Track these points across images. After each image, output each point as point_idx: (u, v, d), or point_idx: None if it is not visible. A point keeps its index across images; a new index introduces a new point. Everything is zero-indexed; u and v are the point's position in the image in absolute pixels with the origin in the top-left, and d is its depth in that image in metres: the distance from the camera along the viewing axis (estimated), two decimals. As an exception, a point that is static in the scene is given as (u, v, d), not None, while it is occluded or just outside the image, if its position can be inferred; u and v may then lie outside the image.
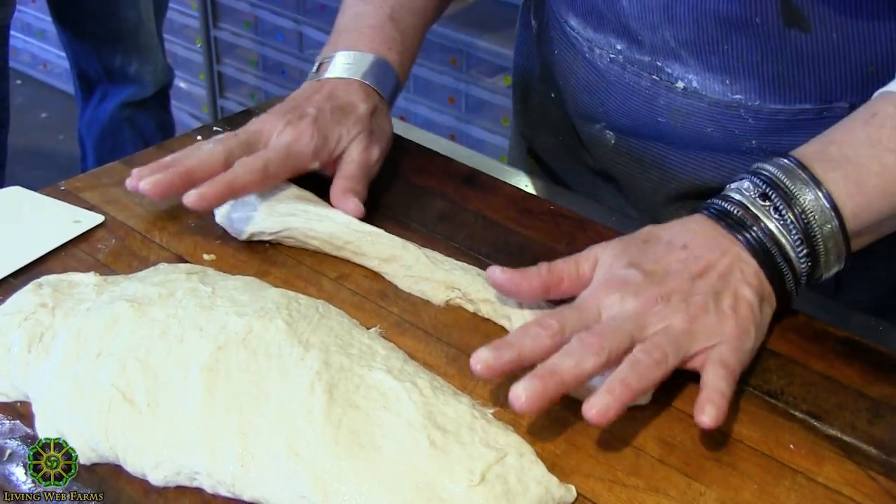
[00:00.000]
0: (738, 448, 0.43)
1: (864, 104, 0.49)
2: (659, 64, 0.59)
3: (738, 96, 0.57)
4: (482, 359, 0.42)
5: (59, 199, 0.58)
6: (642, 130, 0.63)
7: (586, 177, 0.71)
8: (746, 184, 0.48)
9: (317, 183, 0.59)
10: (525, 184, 0.66)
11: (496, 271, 0.47)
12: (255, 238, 0.56)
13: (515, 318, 0.48)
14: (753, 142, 0.59)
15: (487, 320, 0.50)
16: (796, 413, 0.45)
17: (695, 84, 0.58)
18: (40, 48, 2.29)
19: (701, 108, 0.58)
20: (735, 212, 0.47)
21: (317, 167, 0.58)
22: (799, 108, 0.56)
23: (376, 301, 0.52)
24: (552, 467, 0.41)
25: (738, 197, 0.48)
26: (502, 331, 0.50)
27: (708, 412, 0.41)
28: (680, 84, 0.58)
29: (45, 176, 0.79)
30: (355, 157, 0.58)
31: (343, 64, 0.61)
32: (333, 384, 0.42)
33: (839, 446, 0.44)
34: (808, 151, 0.48)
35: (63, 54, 1.52)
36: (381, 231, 0.54)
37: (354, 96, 0.60)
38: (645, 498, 0.41)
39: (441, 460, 0.39)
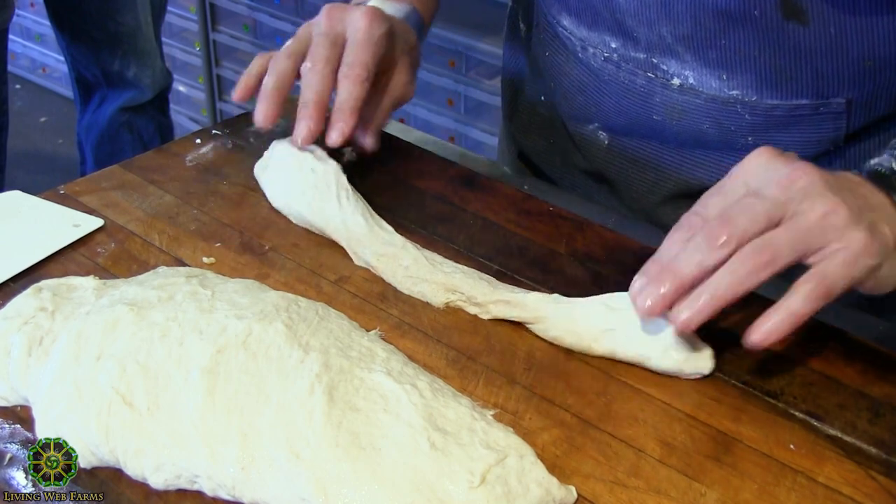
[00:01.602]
0: (739, 448, 0.43)
1: None
2: (655, 61, 0.59)
3: (734, 91, 0.57)
4: (638, 288, 0.42)
5: (58, 203, 0.59)
6: (637, 130, 0.63)
7: (578, 179, 0.71)
8: (886, 157, 0.47)
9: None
10: (524, 185, 0.66)
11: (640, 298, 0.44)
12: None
13: (545, 312, 0.49)
14: (749, 138, 0.59)
15: (487, 322, 0.50)
16: (796, 413, 0.45)
17: (691, 80, 0.58)
18: (39, 52, 2.29)
19: (697, 105, 0.59)
20: (884, 170, 0.46)
21: (384, 55, 0.58)
22: (796, 104, 0.56)
23: (376, 303, 0.52)
24: (552, 468, 0.41)
25: (881, 161, 0.46)
26: (502, 333, 0.50)
27: (758, 330, 0.41)
28: (676, 81, 0.58)
29: (45, 180, 0.79)
30: (394, 91, 0.60)
31: (380, 4, 0.62)
32: (333, 386, 0.42)
33: (839, 446, 0.44)
34: None
35: (62, 58, 1.52)
36: (388, 227, 0.55)
37: (400, 24, 0.61)
38: (645, 499, 0.41)
39: (441, 462, 0.39)
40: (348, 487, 0.39)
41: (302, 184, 0.57)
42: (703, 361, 0.46)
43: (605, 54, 0.61)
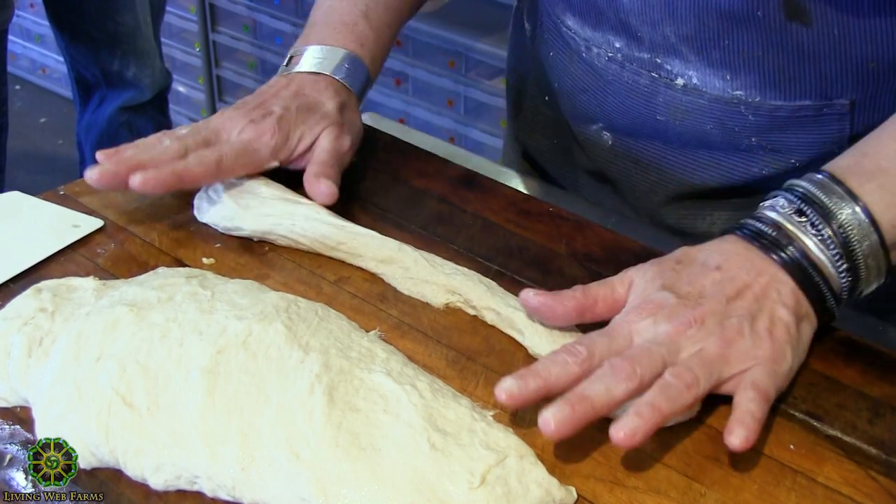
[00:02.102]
0: (739, 448, 0.43)
1: (893, 116, 0.49)
2: (658, 61, 0.59)
3: (738, 92, 0.57)
4: (507, 388, 0.41)
5: (58, 203, 0.58)
6: (640, 130, 0.63)
7: (582, 179, 0.71)
8: (781, 201, 0.47)
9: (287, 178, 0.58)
10: (524, 186, 0.66)
11: (529, 295, 0.46)
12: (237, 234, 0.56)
13: (529, 333, 0.48)
14: (753, 139, 0.59)
15: (487, 322, 0.50)
16: (796, 413, 0.45)
17: (695, 80, 0.58)
18: (39, 53, 2.29)
19: (701, 105, 0.58)
20: (769, 231, 0.46)
21: (276, 165, 0.58)
22: (799, 105, 0.56)
23: (376, 304, 0.52)
24: (552, 469, 0.41)
25: (772, 215, 0.47)
26: (503, 334, 0.50)
27: (737, 434, 0.41)
28: (680, 81, 0.58)
29: (44, 180, 0.79)
30: (326, 146, 0.58)
31: (313, 58, 0.61)
32: (333, 387, 0.42)
33: (839, 446, 0.44)
34: (840, 165, 0.48)
35: (62, 59, 1.52)
36: (373, 233, 0.54)
37: (323, 93, 0.60)
38: (645, 499, 0.41)
39: (441, 462, 0.39)
40: (348, 488, 0.39)
41: (257, 218, 0.55)
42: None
43: (609, 54, 0.61)
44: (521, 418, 0.44)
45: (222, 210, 0.56)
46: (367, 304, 0.52)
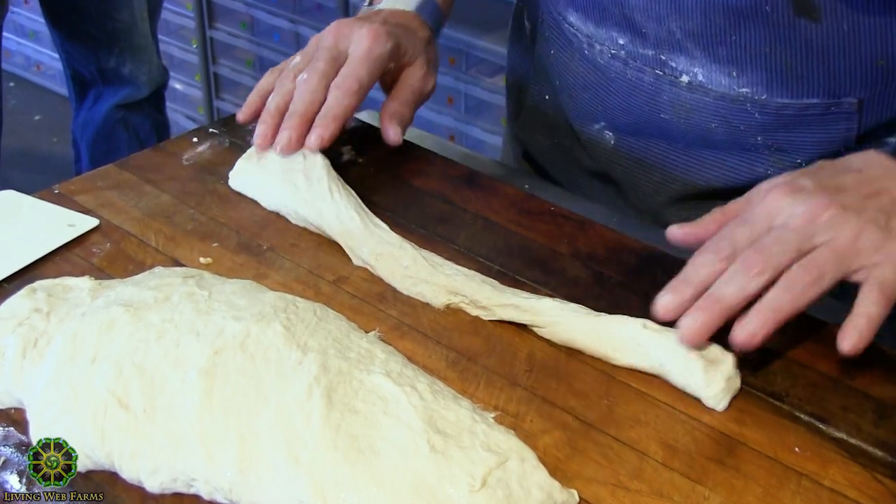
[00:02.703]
0: (742, 451, 0.43)
1: None
2: (663, 58, 0.58)
3: (744, 89, 0.56)
4: (665, 304, 0.43)
5: (53, 202, 0.58)
6: (644, 129, 0.62)
7: (583, 179, 0.70)
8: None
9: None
10: (525, 185, 0.65)
11: (674, 230, 0.48)
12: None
13: (558, 315, 0.48)
14: (759, 138, 0.58)
15: (488, 323, 0.50)
16: (801, 415, 0.45)
17: (700, 77, 0.57)
18: (34, 50, 2.28)
19: (706, 103, 0.58)
20: None
21: (391, 68, 0.60)
22: (806, 103, 0.56)
23: (375, 304, 0.51)
24: (554, 472, 0.40)
25: None
26: (503, 334, 0.49)
27: (850, 337, 0.42)
28: (685, 78, 0.58)
29: (39, 179, 0.78)
30: (413, 83, 0.61)
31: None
32: (332, 388, 0.41)
33: (845, 448, 0.43)
34: None
35: (57, 56, 1.51)
36: (383, 224, 0.55)
37: (412, 22, 0.62)
38: (648, 502, 0.40)
39: (442, 465, 0.39)
40: (347, 491, 0.38)
41: (292, 180, 0.57)
42: (721, 387, 0.45)
43: (613, 51, 0.60)
44: (522, 420, 0.44)
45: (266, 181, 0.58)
46: (367, 304, 0.51)
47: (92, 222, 0.56)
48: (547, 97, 0.70)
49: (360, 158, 0.65)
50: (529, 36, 0.70)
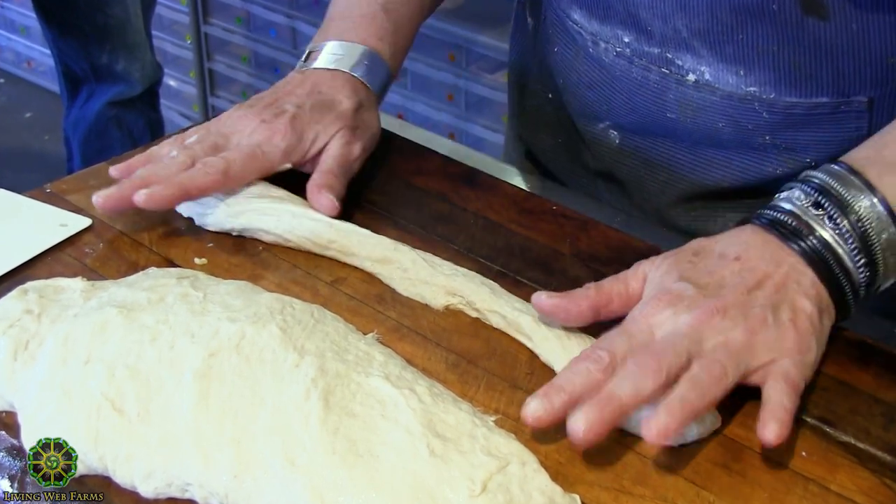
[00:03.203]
0: (748, 455, 0.42)
1: None
2: (669, 56, 0.58)
3: (752, 88, 0.56)
4: (532, 411, 0.40)
5: (44, 201, 0.58)
6: (649, 128, 0.62)
7: (587, 179, 0.70)
8: (797, 192, 0.46)
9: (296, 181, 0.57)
10: (526, 183, 0.65)
11: (542, 298, 0.45)
12: (219, 230, 0.55)
13: (537, 338, 0.47)
14: (766, 137, 0.58)
15: (489, 325, 0.49)
16: (808, 419, 0.45)
17: (707, 76, 0.57)
18: (24, 45, 2.27)
19: (713, 102, 0.57)
20: (788, 221, 0.46)
21: (288, 167, 0.57)
22: (815, 102, 0.55)
23: (373, 305, 0.51)
24: (556, 476, 0.40)
25: (788, 206, 0.46)
26: (505, 337, 0.49)
27: (771, 429, 0.40)
28: (691, 77, 0.57)
29: (31, 178, 0.78)
30: (334, 153, 0.57)
31: (332, 55, 0.60)
32: (330, 391, 0.41)
33: (853, 453, 0.43)
34: (859, 156, 0.47)
35: (48, 52, 1.50)
36: (367, 231, 0.53)
37: (340, 92, 0.59)
38: (653, 508, 0.40)
39: (441, 469, 0.38)
40: (345, 495, 0.38)
41: (249, 214, 0.54)
42: (704, 426, 0.43)
43: (618, 49, 0.60)
44: (523, 423, 0.43)
45: (202, 205, 0.55)
46: (365, 305, 0.51)
47: (84, 222, 0.56)
48: (550, 95, 0.69)
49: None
50: (532, 33, 0.70)
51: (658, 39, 0.57)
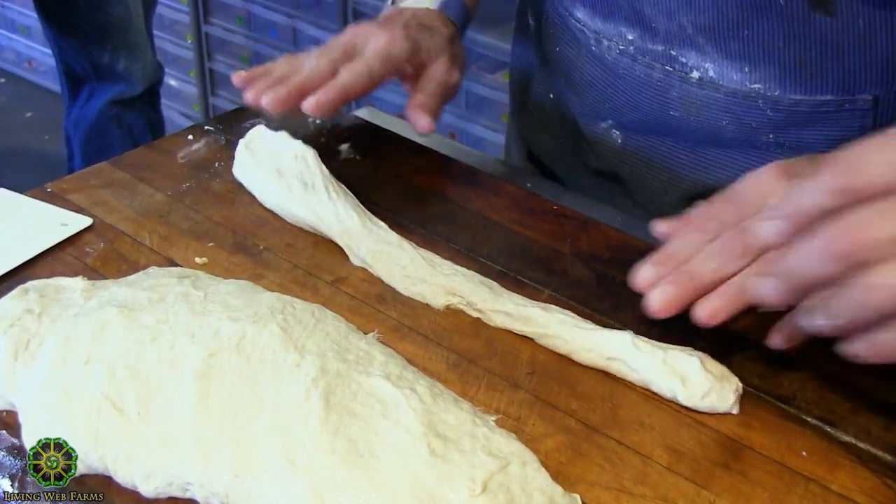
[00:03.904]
0: (749, 455, 0.42)
1: None
2: (673, 53, 0.57)
3: (756, 85, 0.56)
4: (644, 276, 0.42)
5: (45, 201, 0.57)
6: (652, 127, 0.62)
7: (589, 179, 0.70)
8: None
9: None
10: (527, 183, 0.65)
11: (660, 224, 0.46)
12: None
13: (553, 328, 0.47)
14: (770, 136, 0.57)
15: (489, 324, 0.49)
16: (809, 418, 0.45)
17: (711, 73, 0.57)
18: (25, 45, 2.27)
19: (717, 100, 0.57)
20: None
21: (409, 71, 0.60)
22: (820, 100, 0.55)
23: (374, 305, 0.50)
24: (556, 476, 0.40)
25: None
26: (504, 336, 0.49)
27: (707, 305, 0.41)
28: (695, 74, 0.57)
29: (31, 177, 0.78)
30: (437, 77, 0.61)
31: None
32: (330, 391, 0.41)
33: (854, 453, 0.43)
34: None
35: (49, 51, 1.50)
36: (382, 224, 0.54)
37: (436, 21, 0.62)
38: (653, 508, 0.40)
39: (442, 469, 0.38)
40: (345, 495, 0.38)
41: (287, 178, 0.56)
42: (724, 399, 0.44)
43: (621, 47, 0.60)
44: (524, 423, 0.43)
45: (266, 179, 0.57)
46: (366, 305, 0.50)
47: (85, 221, 0.56)
48: (552, 95, 0.69)
49: (359, 156, 0.64)
50: (534, 32, 0.70)
51: (662, 36, 0.57)
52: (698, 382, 0.44)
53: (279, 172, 0.57)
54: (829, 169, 0.35)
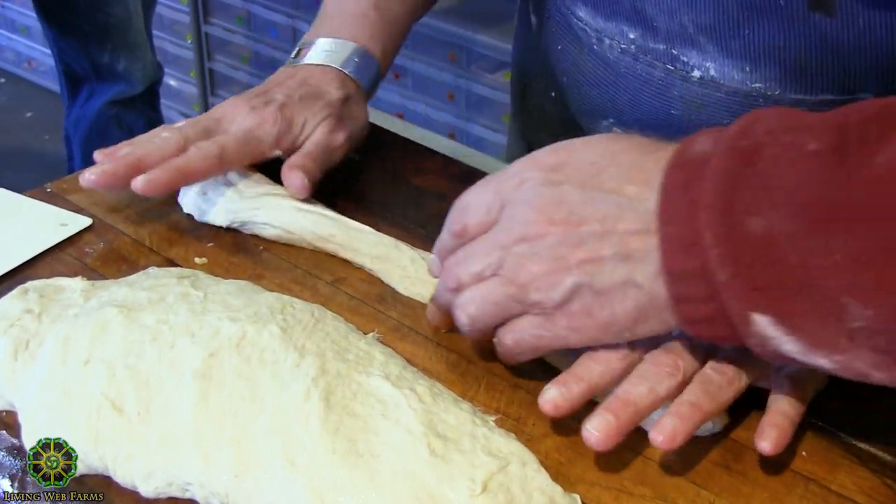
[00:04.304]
0: (749, 455, 0.42)
1: None
2: (675, 52, 0.57)
3: (757, 84, 0.56)
4: (550, 399, 0.40)
5: (45, 201, 0.57)
6: (653, 126, 0.62)
7: None
8: None
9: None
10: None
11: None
12: (221, 224, 0.55)
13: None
14: None
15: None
16: (809, 419, 0.44)
17: (712, 72, 0.57)
18: (25, 45, 2.27)
19: (718, 99, 0.57)
20: None
21: (279, 154, 0.57)
22: (820, 99, 0.55)
23: (374, 305, 0.50)
24: (556, 476, 0.40)
25: None
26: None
27: (768, 435, 0.40)
28: (696, 73, 0.57)
29: (31, 177, 0.78)
30: (317, 139, 0.58)
31: (323, 51, 0.61)
32: (330, 391, 0.41)
33: (853, 453, 0.43)
34: None
35: (48, 51, 1.50)
36: (368, 228, 0.53)
37: (329, 84, 0.59)
38: (653, 508, 0.40)
39: (441, 469, 0.38)
40: (345, 495, 0.38)
41: (251, 208, 0.54)
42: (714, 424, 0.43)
43: (622, 46, 0.59)
44: (523, 423, 0.43)
45: (205, 200, 0.55)
46: (366, 305, 0.50)
47: (85, 221, 0.56)
48: (553, 94, 0.69)
49: (357, 156, 0.64)
50: (536, 31, 0.70)
51: (664, 35, 0.57)
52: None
53: (234, 203, 0.55)
54: (451, 215, 0.45)
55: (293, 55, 0.62)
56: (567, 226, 0.39)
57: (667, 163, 0.38)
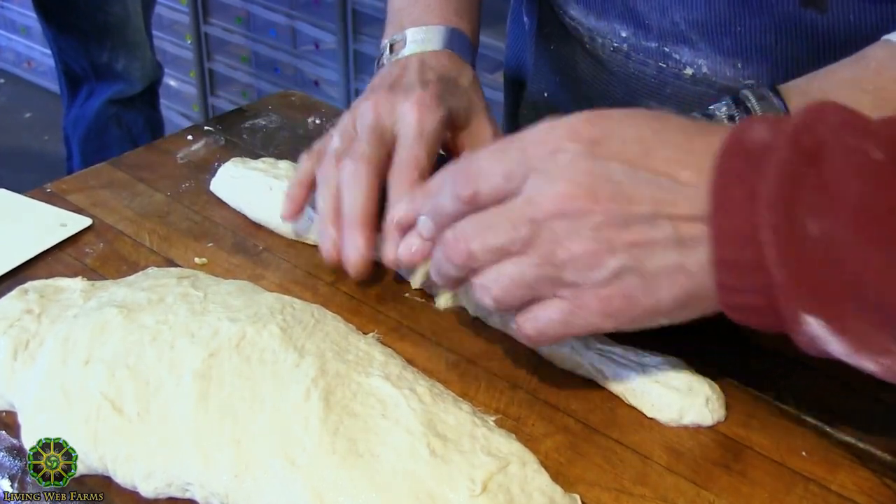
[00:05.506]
0: (749, 455, 0.42)
1: (864, 49, 0.49)
2: (667, 50, 0.57)
3: (749, 81, 0.56)
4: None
5: (44, 201, 0.57)
6: None
7: None
8: (723, 105, 0.48)
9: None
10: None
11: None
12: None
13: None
14: None
15: (488, 324, 0.49)
16: (808, 418, 0.44)
17: (704, 69, 0.57)
18: (24, 45, 2.27)
19: (710, 96, 0.57)
20: None
21: (448, 137, 0.53)
22: None
23: (373, 305, 0.50)
24: (556, 476, 0.40)
25: (709, 114, 0.48)
26: (505, 337, 0.49)
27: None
28: (689, 70, 0.57)
29: (31, 178, 0.78)
30: (486, 141, 0.54)
31: (418, 40, 0.56)
32: (330, 391, 0.41)
33: (853, 453, 0.43)
34: (791, 84, 0.48)
35: (48, 51, 1.50)
36: None
37: (452, 68, 0.55)
38: (653, 508, 0.40)
39: (441, 469, 0.38)
40: (345, 495, 0.38)
41: (274, 196, 0.54)
42: (703, 416, 0.43)
43: (615, 44, 0.59)
44: (523, 423, 0.43)
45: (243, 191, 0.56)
46: (365, 305, 0.50)
47: (84, 222, 0.56)
48: (546, 94, 0.69)
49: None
50: (529, 31, 0.70)
51: (656, 33, 0.57)
52: (667, 402, 0.43)
53: (265, 190, 0.55)
54: (456, 177, 0.40)
55: (386, 52, 0.57)
56: (614, 204, 0.36)
57: (720, 148, 0.36)
